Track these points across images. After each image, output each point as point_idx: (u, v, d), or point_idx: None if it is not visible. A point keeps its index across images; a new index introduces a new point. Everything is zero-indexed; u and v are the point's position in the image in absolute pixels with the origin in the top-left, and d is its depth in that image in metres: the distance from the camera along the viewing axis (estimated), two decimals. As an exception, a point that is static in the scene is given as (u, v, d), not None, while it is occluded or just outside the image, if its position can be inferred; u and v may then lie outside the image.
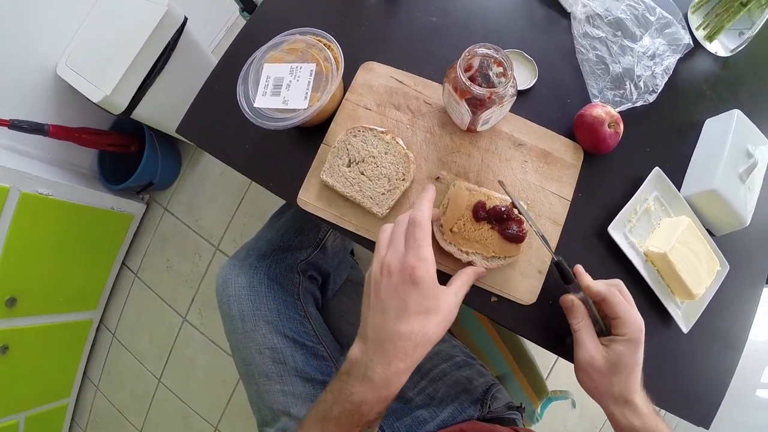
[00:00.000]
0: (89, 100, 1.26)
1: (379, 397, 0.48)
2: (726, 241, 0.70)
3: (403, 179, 0.61)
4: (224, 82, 0.74)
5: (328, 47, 0.65)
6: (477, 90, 0.55)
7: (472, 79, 0.58)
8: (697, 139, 0.73)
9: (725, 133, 0.68)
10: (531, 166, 0.66)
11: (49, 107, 1.43)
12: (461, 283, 0.54)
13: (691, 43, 0.74)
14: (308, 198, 0.64)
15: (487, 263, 0.60)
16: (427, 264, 0.49)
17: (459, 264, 0.60)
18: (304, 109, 0.61)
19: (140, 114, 1.35)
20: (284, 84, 0.64)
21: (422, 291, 0.48)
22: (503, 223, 0.60)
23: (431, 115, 0.66)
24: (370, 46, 0.73)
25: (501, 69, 0.58)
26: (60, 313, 1.60)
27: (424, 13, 0.75)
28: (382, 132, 0.62)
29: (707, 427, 0.70)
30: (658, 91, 0.72)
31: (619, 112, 0.68)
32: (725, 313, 0.71)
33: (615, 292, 0.54)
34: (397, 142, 0.62)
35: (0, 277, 1.30)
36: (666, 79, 0.73)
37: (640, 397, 0.53)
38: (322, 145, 0.66)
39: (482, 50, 0.57)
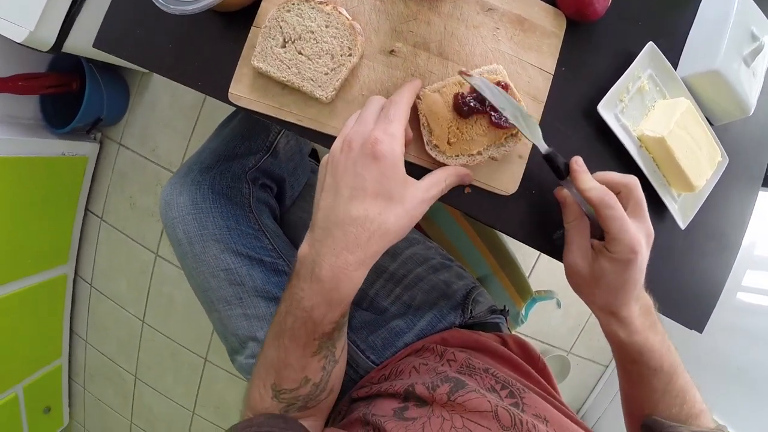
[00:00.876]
0: (14, 41, 1.12)
1: (330, 300, 0.42)
2: (724, 132, 0.65)
3: (349, 54, 0.51)
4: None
5: None
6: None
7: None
8: (695, 15, 0.65)
9: (728, 10, 0.61)
10: (504, 34, 0.56)
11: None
12: (436, 179, 0.48)
13: None
14: (240, 91, 0.54)
15: (491, 153, 0.53)
16: (394, 141, 0.43)
17: None
18: (223, -22, 0.50)
19: (73, 46, 1.22)
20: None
21: (383, 168, 0.42)
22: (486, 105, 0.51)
23: (380, -23, 0.55)
24: None
25: None
26: (33, 275, 1.54)
27: None
28: (321, 2, 0.51)
29: (700, 331, 0.68)
30: None
31: None
32: (722, 211, 0.68)
33: (608, 201, 0.46)
34: (340, 12, 0.51)
35: None
36: None
37: (631, 310, 0.48)
38: (252, 27, 0.55)
39: None
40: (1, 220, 1.37)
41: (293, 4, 0.52)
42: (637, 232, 0.46)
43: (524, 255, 1.46)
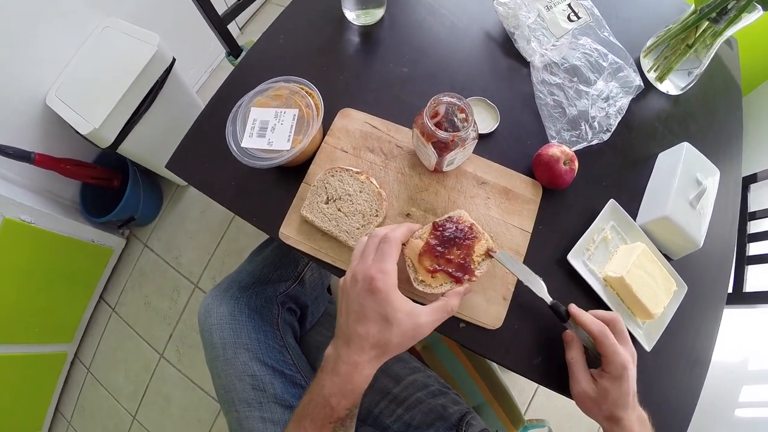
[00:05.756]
0: (77, 132, 1.33)
1: (345, 390, 0.54)
2: (684, 264, 0.78)
3: (377, 215, 0.70)
4: (212, 122, 0.83)
5: (310, 94, 0.74)
6: (441, 134, 0.64)
7: (438, 124, 0.67)
8: (651, 171, 0.83)
9: (675, 164, 0.77)
10: (493, 202, 0.75)
11: (36, 136, 1.49)
12: (436, 307, 0.59)
13: (642, 84, 0.85)
14: (289, 232, 0.73)
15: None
16: (386, 276, 0.55)
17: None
18: (287, 150, 0.71)
19: (126, 149, 1.42)
20: (269, 127, 0.73)
21: (378, 300, 0.54)
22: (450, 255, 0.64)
23: (402, 157, 0.76)
24: (347, 93, 0.84)
25: (464, 115, 0.67)
26: (35, 344, 1.62)
27: (396, 65, 0.87)
28: (357, 172, 0.72)
29: (679, 444, 0.75)
30: (612, 130, 0.82)
31: (576, 151, 0.77)
32: (688, 331, 0.77)
33: (605, 332, 0.61)
34: (371, 182, 0.71)
35: None
36: (620, 118, 0.83)
37: (629, 415, 0.60)
38: (302, 183, 0.75)
39: (446, 98, 0.67)
40: (22, 284, 1.49)
41: (336, 171, 0.72)
42: (625, 353, 0.61)
43: (521, 388, 1.55)
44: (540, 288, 0.66)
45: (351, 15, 0.91)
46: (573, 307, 0.66)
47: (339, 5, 0.91)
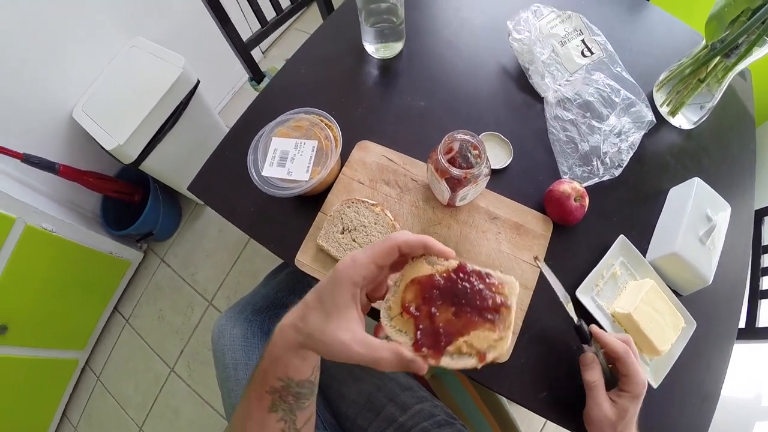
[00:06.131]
0: (101, 146, 1.38)
1: (270, 354, 0.49)
2: (694, 299, 0.77)
3: (390, 246, 0.72)
4: (235, 147, 0.87)
5: (329, 127, 0.78)
6: (454, 171, 0.67)
7: (452, 160, 0.70)
8: (662, 206, 0.83)
9: (686, 200, 0.77)
10: (504, 237, 0.77)
11: (61, 148, 1.55)
12: (378, 347, 0.44)
13: (654, 119, 0.86)
14: (305, 259, 0.75)
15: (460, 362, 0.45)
16: (352, 264, 0.46)
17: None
18: (306, 180, 0.74)
19: (148, 166, 1.47)
20: (289, 157, 0.76)
21: (330, 282, 0.46)
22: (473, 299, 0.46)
23: (417, 190, 0.78)
24: (365, 125, 0.87)
25: (477, 152, 0.69)
26: (48, 348, 1.65)
27: (414, 98, 0.90)
28: (373, 204, 0.74)
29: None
30: (624, 166, 0.83)
31: (588, 186, 0.79)
32: (697, 366, 0.76)
33: (629, 351, 0.62)
34: (386, 214, 0.74)
35: None
36: (631, 154, 0.84)
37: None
38: (319, 213, 0.78)
39: (460, 135, 0.69)
40: (40, 290, 1.53)
41: (352, 202, 0.75)
42: (643, 372, 0.62)
43: (529, 421, 1.55)
44: (570, 308, 0.68)
45: (371, 48, 0.95)
46: (594, 328, 0.67)
47: (360, 38, 0.95)
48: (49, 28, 1.35)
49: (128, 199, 1.74)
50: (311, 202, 0.80)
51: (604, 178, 0.83)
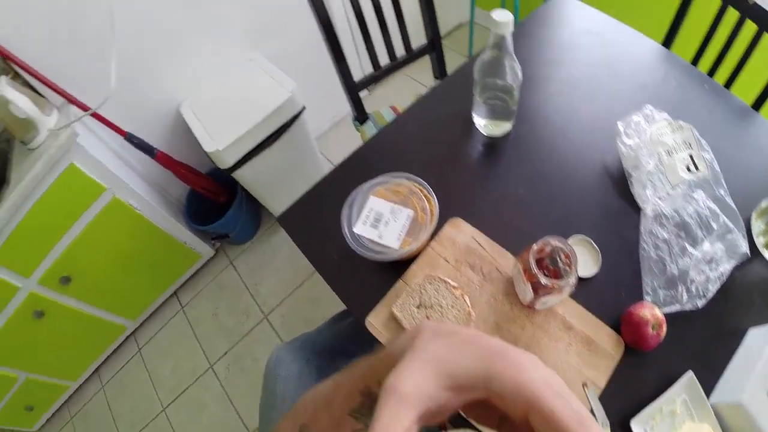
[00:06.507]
0: (201, 146, 1.47)
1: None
2: None
3: (461, 333, 0.73)
4: (331, 192, 0.90)
5: (427, 198, 0.80)
6: (543, 279, 0.67)
7: (541, 260, 0.70)
8: (738, 346, 0.77)
9: (762, 346, 0.72)
10: (574, 350, 0.75)
11: (162, 135, 1.68)
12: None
13: (749, 253, 0.81)
14: (375, 322, 0.77)
15: None
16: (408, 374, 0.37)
17: None
18: (395, 249, 0.76)
19: (240, 174, 1.56)
20: (383, 220, 0.79)
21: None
22: None
23: (499, 282, 0.79)
24: (461, 201, 0.88)
25: (568, 261, 0.69)
26: (102, 309, 1.79)
27: (515, 184, 0.90)
28: (454, 287, 0.75)
29: None
30: (709, 297, 0.79)
31: (667, 313, 0.76)
32: None
33: None
34: (465, 300, 0.74)
35: (67, 256, 1.51)
36: (719, 285, 0.80)
37: None
38: (400, 280, 0.80)
39: (555, 242, 0.69)
40: (110, 258, 1.66)
41: (434, 279, 0.76)
42: None
43: None
44: None
45: (480, 122, 0.96)
46: None
47: (470, 109, 0.97)
48: (179, 25, 1.48)
49: (214, 198, 1.83)
50: (394, 265, 0.82)
51: (687, 307, 0.79)
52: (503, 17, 0.75)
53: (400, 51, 1.40)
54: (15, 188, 1.25)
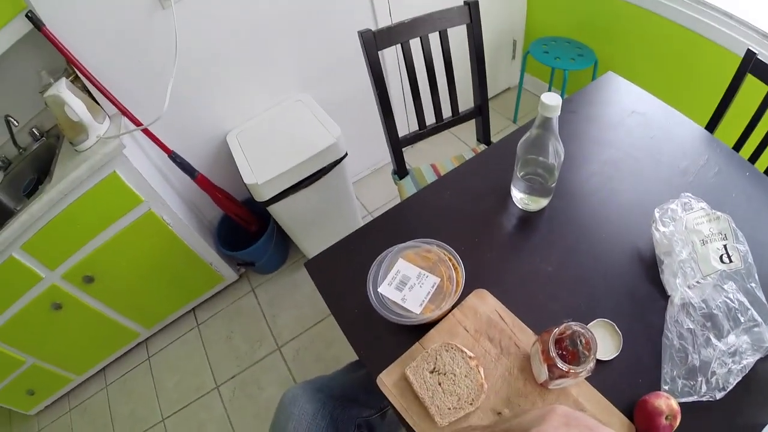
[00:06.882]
0: (241, 176, 1.53)
1: None
2: None
3: (471, 404, 0.73)
4: (360, 246, 0.94)
5: (455, 268, 0.82)
6: (560, 364, 0.67)
7: (561, 341, 0.70)
8: None
9: None
10: (585, 435, 0.75)
11: (205, 160, 1.76)
12: None
13: None
14: (387, 381, 0.79)
15: None
16: None
17: None
18: (416, 315, 0.78)
19: (275, 209, 1.61)
20: (408, 284, 0.81)
21: None
22: None
23: (516, 357, 0.79)
24: (488, 272, 0.90)
25: (587, 347, 0.70)
26: (119, 313, 1.84)
27: (544, 261, 0.92)
28: (470, 357, 0.76)
29: None
30: (728, 390, 0.77)
31: (683, 402, 0.75)
32: None
33: None
34: (479, 372, 0.75)
35: (94, 257, 1.57)
36: (740, 378, 0.78)
37: None
38: (417, 343, 0.82)
39: (576, 328, 0.70)
40: (135, 267, 1.71)
41: (452, 347, 0.78)
42: None
43: None
44: None
45: (517, 195, 0.99)
46: None
47: (509, 181, 1.00)
48: (238, 58, 1.58)
49: (245, 226, 1.89)
50: (413, 327, 0.84)
51: (704, 398, 0.78)
52: (552, 101, 0.78)
53: (447, 112, 1.46)
54: (56, 185, 1.32)
